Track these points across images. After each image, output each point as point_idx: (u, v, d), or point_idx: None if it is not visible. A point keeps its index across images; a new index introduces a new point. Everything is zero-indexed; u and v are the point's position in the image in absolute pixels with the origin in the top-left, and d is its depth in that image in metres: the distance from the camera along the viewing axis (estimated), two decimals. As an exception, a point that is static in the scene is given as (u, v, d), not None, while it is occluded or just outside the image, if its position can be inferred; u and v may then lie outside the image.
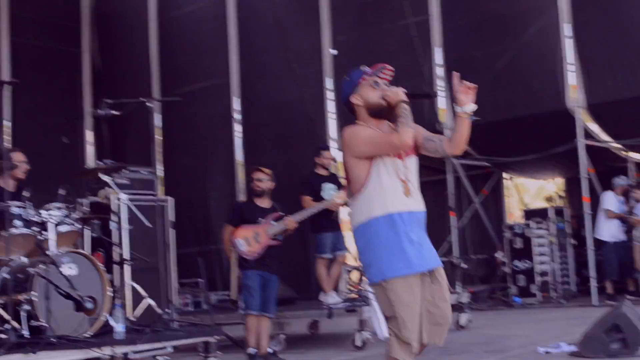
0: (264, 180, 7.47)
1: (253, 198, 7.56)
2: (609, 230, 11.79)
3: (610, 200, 11.79)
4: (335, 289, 9.09)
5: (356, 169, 3.95)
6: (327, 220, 8.73)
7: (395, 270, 3.87)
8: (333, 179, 9.07)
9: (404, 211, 3.91)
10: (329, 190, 8.84)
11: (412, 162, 4.05)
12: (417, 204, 4.01)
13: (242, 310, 7.37)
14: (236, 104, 14.96)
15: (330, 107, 14.00)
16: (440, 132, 11.93)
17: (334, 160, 9.92)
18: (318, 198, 8.69)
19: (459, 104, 3.89)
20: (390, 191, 3.90)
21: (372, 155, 3.91)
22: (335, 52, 12.50)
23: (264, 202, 7.51)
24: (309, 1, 14.23)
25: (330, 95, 13.97)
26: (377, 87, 4.00)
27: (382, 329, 3.99)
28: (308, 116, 12.45)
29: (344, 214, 9.15)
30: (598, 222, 11.88)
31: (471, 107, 3.88)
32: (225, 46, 15.01)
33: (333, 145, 13.40)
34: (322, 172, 9.03)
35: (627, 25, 11.58)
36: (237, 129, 14.97)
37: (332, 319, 8.48)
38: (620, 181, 11.92)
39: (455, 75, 3.89)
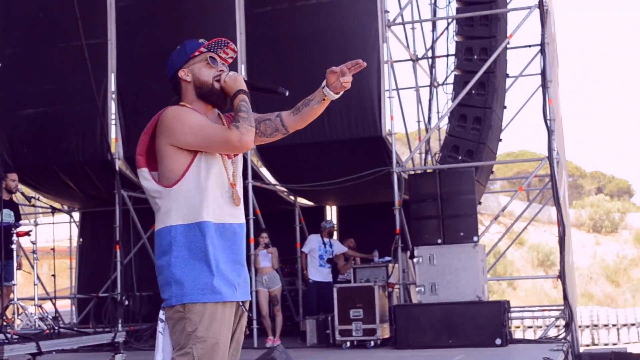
0: None
1: None
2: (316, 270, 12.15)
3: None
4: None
5: (171, 161, 3.07)
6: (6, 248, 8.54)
7: (201, 294, 3.01)
8: (12, 204, 9.25)
9: (228, 222, 3.11)
10: (6, 217, 8.87)
11: (240, 163, 3.29)
12: (241, 215, 3.20)
13: None
14: None
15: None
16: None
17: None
18: None
19: (334, 90, 3.16)
20: (216, 196, 3.09)
21: (198, 149, 3.07)
22: (-1, 64, 11.68)
23: None
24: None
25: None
26: (214, 64, 3.21)
27: None
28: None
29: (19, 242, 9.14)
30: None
31: (337, 97, 3.21)
32: None
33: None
34: (5, 196, 9.03)
35: (302, 72, 11.92)
36: None
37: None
38: (325, 224, 12.52)
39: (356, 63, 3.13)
